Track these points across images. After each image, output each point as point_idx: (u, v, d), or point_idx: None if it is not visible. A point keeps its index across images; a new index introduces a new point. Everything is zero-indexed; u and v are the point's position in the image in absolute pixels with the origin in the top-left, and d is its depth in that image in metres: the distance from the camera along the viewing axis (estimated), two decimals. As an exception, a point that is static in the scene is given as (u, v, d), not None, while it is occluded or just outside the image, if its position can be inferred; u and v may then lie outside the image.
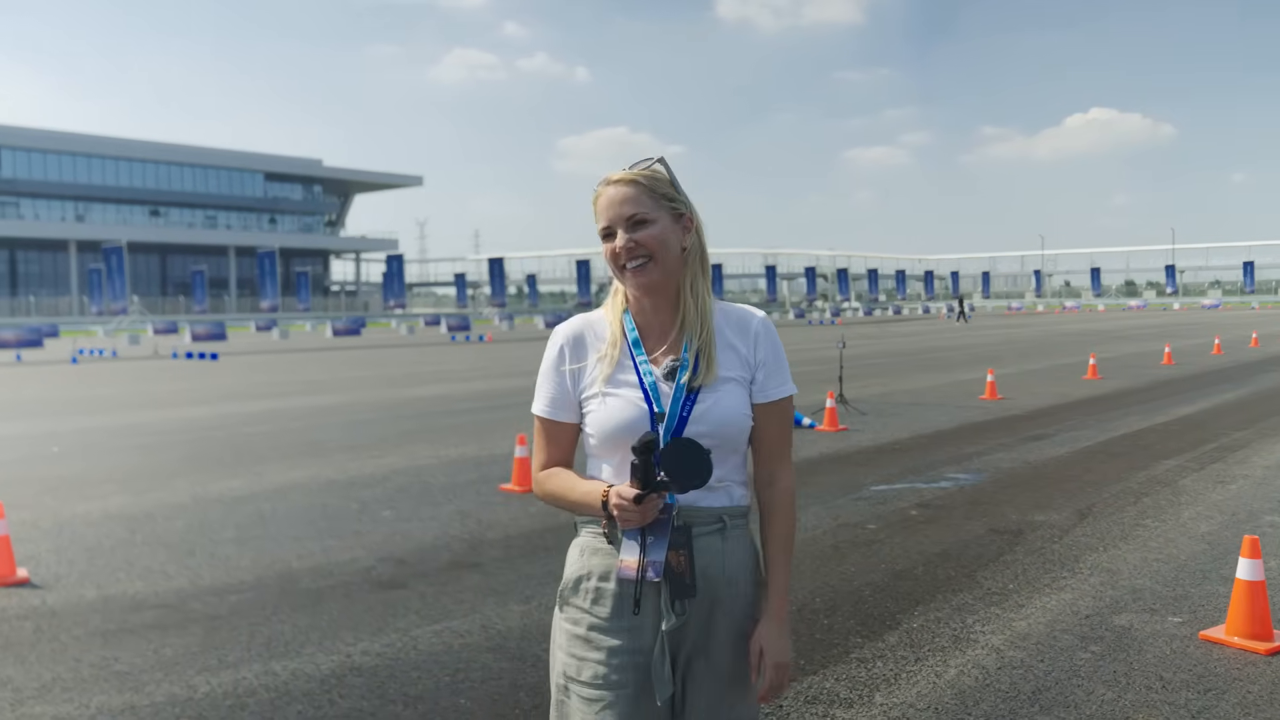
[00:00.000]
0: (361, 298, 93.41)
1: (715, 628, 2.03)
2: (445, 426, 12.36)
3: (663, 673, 1.98)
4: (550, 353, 2.13)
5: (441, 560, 6.14)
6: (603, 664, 2.00)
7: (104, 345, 36.78)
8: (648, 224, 2.02)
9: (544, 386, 2.12)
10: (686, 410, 2.00)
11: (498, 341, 39.01)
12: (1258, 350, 24.41)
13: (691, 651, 2.03)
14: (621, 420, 2.01)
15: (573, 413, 2.10)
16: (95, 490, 8.49)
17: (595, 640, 2.02)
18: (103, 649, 4.66)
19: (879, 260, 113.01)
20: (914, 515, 7.17)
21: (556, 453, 2.12)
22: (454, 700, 4.04)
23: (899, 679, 4.20)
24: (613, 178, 2.06)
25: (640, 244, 2.02)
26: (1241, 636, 4.48)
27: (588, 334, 2.12)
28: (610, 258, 2.05)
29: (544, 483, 2.11)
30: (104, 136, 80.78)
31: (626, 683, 1.99)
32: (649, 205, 2.03)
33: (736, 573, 2.06)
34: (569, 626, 2.07)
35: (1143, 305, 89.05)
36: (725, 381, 2.04)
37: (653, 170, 2.07)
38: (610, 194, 2.04)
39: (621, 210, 2.02)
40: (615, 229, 2.03)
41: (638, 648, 2.00)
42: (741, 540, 2.09)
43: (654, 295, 2.07)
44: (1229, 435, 10.66)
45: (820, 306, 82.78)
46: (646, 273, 2.03)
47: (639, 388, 2.03)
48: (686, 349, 2.05)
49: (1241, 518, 6.92)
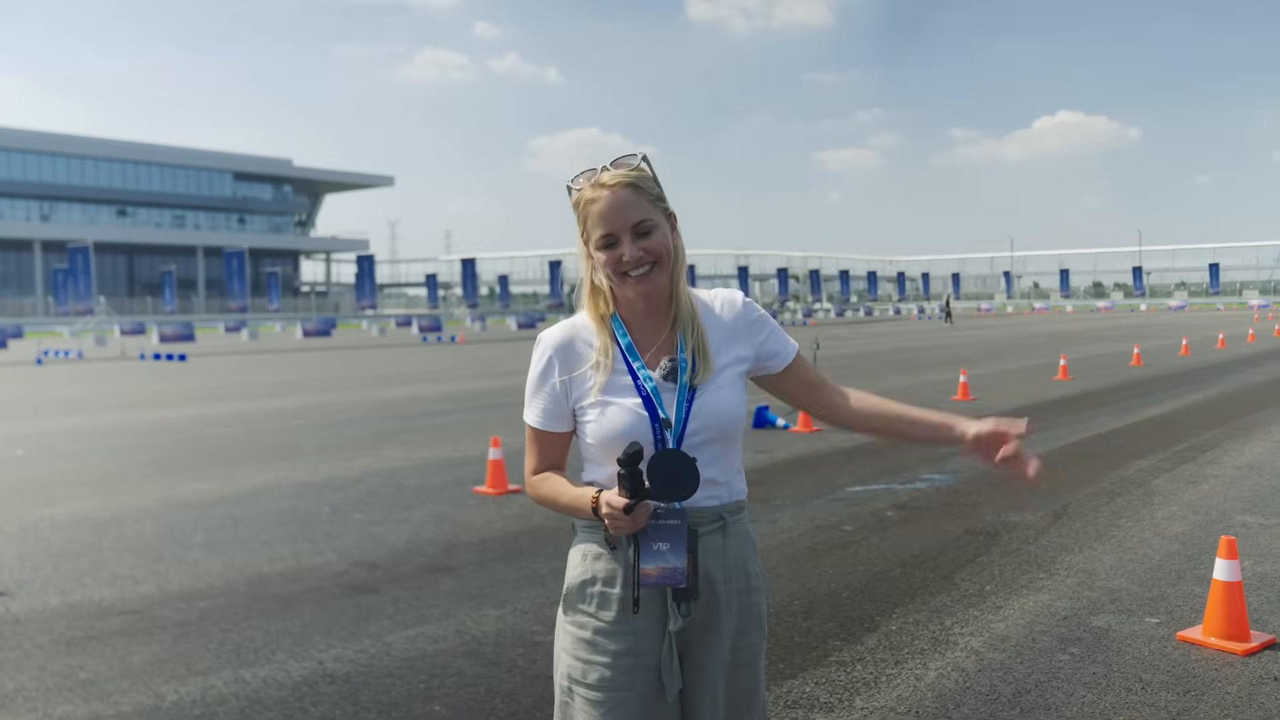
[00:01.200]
0: (332, 298, 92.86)
1: (718, 623, 2.04)
2: (418, 428, 12.25)
3: (672, 669, 2.00)
4: (538, 364, 2.08)
5: (415, 564, 6.07)
6: (608, 667, 2.00)
7: (70, 346, 36.33)
8: (653, 230, 1.99)
9: (535, 398, 2.09)
10: (686, 410, 1.99)
11: (470, 342, 38.85)
12: (1224, 351, 24.68)
13: (698, 648, 2.04)
14: (623, 429, 1.98)
15: (565, 423, 2.08)
16: (61, 494, 8.34)
17: (600, 644, 2.01)
18: (68, 657, 4.55)
19: (851, 261, 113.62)
20: (890, 516, 7.16)
21: (549, 459, 2.12)
22: (428, 707, 3.98)
23: (879, 682, 4.17)
24: (607, 180, 1.98)
25: (649, 252, 1.98)
26: (1219, 637, 4.49)
27: (576, 342, 2.06)
28: (613, 265, 1.98)
29: (537, 486, 2.12)
30: (70, 135, 79.91)
31: (632, 684, 1.99)
32: (649, 209, 1.99)
33: (736, 567, 2.07)
34: (574, 630, 2.06)
35: (1110, 306, 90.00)
36: (720, 372, 2.04)
37: (641, 170, 2.01)
38: (610, 199, 1.96)
39: (627, 217, 1.97)
40: (620, 236, 1.97)
41: (643, 649, 2.00)
42: (740, 534, 2.09)
43: (651, 298, 2.04)
44: (1199, 435, 10.73)
45: (793, 308, 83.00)
46: (652, 279, 1.99)
47: (638, 394, 2.00)
48: (683, 348, 2.03)
49: (1214, 518, 6.96)
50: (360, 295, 67.80)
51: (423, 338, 44.24)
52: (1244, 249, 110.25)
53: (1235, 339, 29.96)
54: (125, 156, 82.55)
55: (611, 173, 1.99)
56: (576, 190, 2.02)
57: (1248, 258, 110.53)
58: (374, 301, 67.84)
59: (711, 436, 2.00)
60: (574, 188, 2.02)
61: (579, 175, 2.03)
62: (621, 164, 2.01)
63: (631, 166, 2.00)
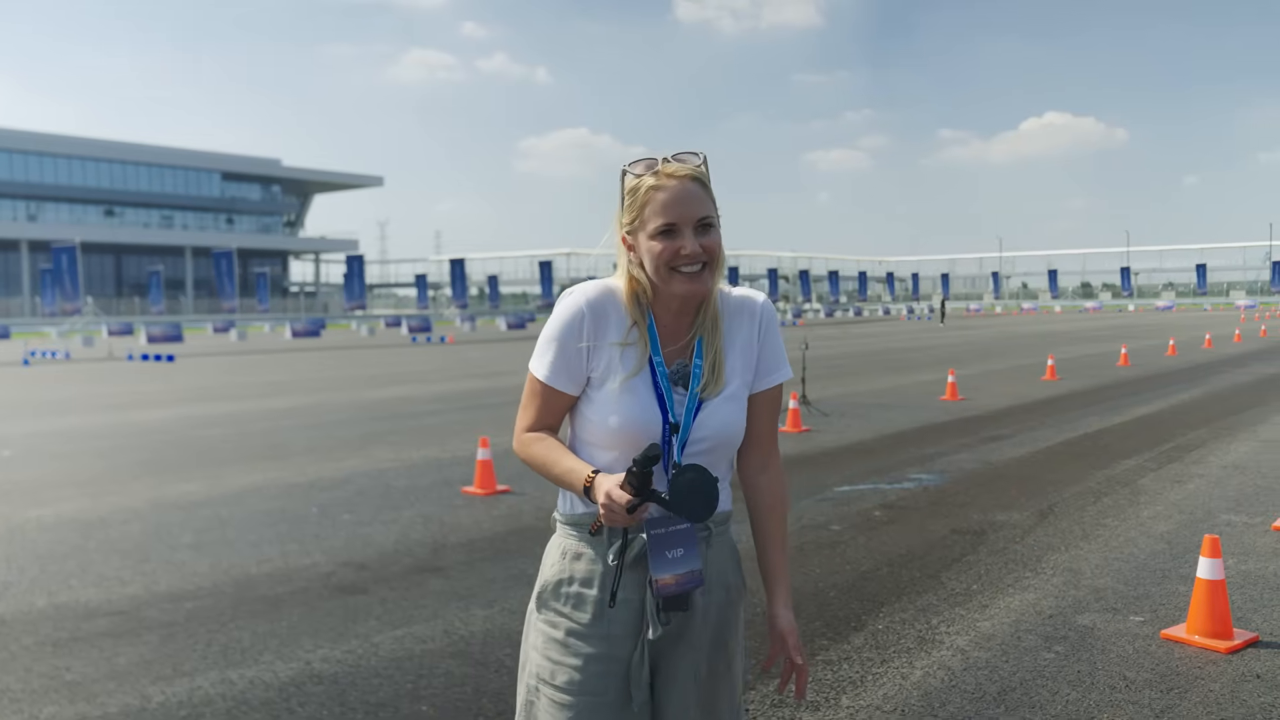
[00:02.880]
0: (321, 299, 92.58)
1: (693, 633, 1.99)
2: (407, 429, 12.24)
3: (640, 678, 1.95)
4: (567, 316, 1.97)
5: (403, 565, 6.07)
6: (578, 670, 1.95)
7: (57, 347, 36.13)
8: (713, 229, 1.93)
9: (552, 350, 1.97)
10: (692, 418, 1.96)
11: (459, 343, 38.78)
12: (1211, 351, 24.80)
13: (669, 658, 1.99)
14: (636, 423, 1.93)
15: (576, 385, 1.99)
16: (48, 495, 8.31)
17: (573, 645, 1.96)
18: (54, 658, 4.54)
19: (840, 262, 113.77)
20: (877, 516, 7.19)
21: (546, 418, 2.03)
22: (416, 707, 3.98)
23: (865, 681, 4.18)
24: (677, 171, 1.92)
25: (705, 249, 1.92)
26: (1202, 635, 4.52)
27: (610, 309, 1.98)
28: (668, 256, 1.91)
29: (528, 445, 2.02)
30: (57, 135, 79.49)
31: (603, 689, 1.95)
32: (711, 208, 1.94)
33: (716, 579, 2.03)
34: (546, 629, 2.01)
35: (1098, 307, 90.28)
36: (728, 385, 2.00)
37: (702, 169, 1.96)
38: (679, 189, 1.90)
39: (693, 210, 1.91)
40: (682, 228, 1.90)
41: (615, 655, 1.95)
42: (724, 545, 2.07)
43: (692, 300, 1.97)
44: (1185, 435, 10.79)
45: (782, 308, 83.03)
46: (702, 280, 1.93)
47: (654, 392, 1.95)
48: (700, 356, 1.98)
49: (1199, 517, 7.00)
50: (349, 296, 67.59)
51: (412, 338, 44.14)
52: (1231, 250, 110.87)
53: (1222, 339, 30.12)
54: (113, 156, 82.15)
55: (679, 165, 1.93)
56: (636, 176, 1.95)
57: (1234, 258, 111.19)
58: (363, 302, 67.64)
59: (711, 447, 1.97)
60: (633, 173, 1.95)
61: (637, 162, 1.96)
62: (684, 158, 1.95)
63: (695, 164, 1.95)
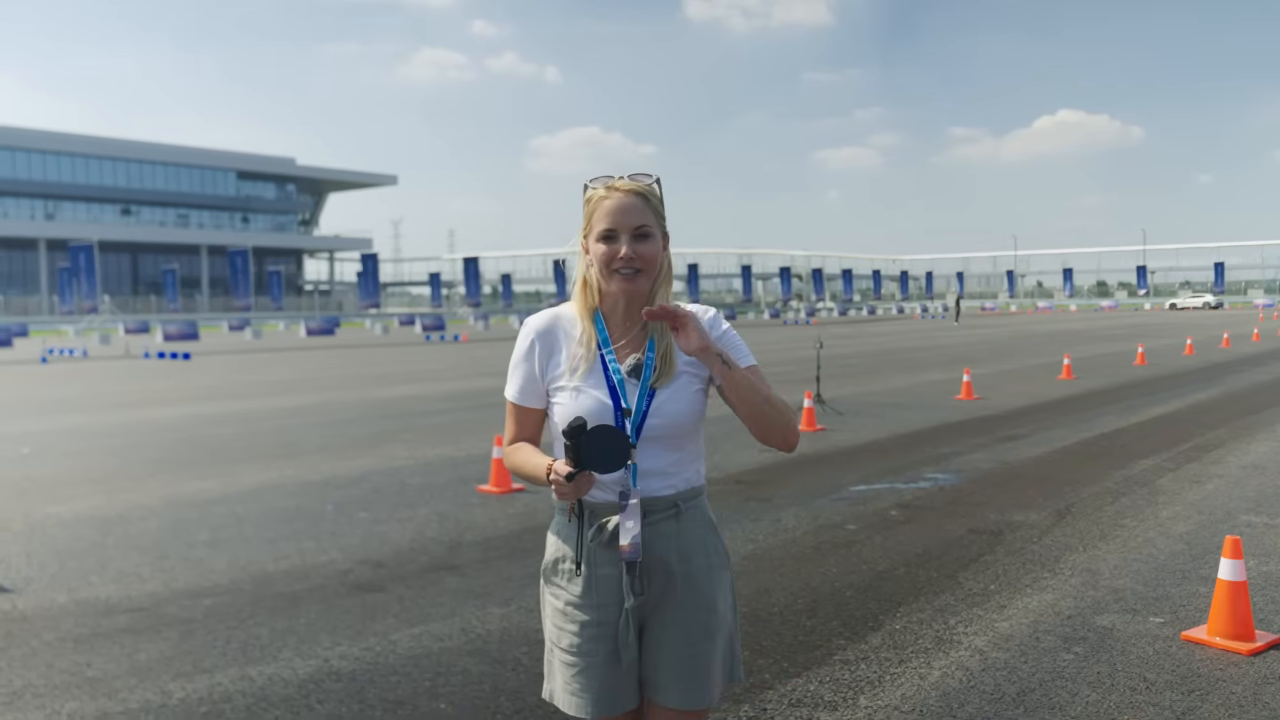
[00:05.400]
0: (335, 297, 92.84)
1: (672, 601, 2.27)
2: (421, 427, 12.27)
3: (628, 641, 2.25)
4: (521, 344, 2.34)
5: (419, 563, 6.08)
6: (576, 635, 2.27)
7: (74, 345, 36.37)
8: (649, 238, 2.24)
9: (515, 374, 2.35)
10: (646, 405, 2.22)
11: (473, 341, 38.86)
12: (1229, 350, 24.65)
13: (655, 622, 2.28)
14: (591, 412, 2.19)
15: (540, 400, 2.33)
16: (66, 492, 8.36)
17: (571, 614, 2.28)
18: (75, 654, 4.57)
19: (853, 260, 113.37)
20: (894, 516, 7.17)
21: (523, 432, 2.37)
22: (434, 704, 3.99)
23: (883, 681, 4.17)
24: (621, 185, 2.25)
25: (639, 256, 2.22)
26: (1224, 637, 4.49)
27: (558, 330, 2.32)
28: (606, 259, 2.23)
29: (510, 455, 2.38)
30: (74, 134, 79.93)
31: (597, 651, 2.26)
32: (651, 220, 2.25)
33: (690, 550, 2.28)
34: (551, 600, 2.34)
35: (1114, 306, 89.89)
36: (680, 375, 2.25)
37: (652, 187, 2.27)
38: (620, 201, 2.22)
39: (630, 219, 2.22)
40: (620, 234, 2.22)
41: (605, 621, 2.25)
42: (695, 518, 2.31)
43: (632, 299, 2.27)
44: (1203, 435, 10.73)
45: (795, 307, 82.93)
46: (635, 282, 2.24)
47: (606, 384, 2.24)
48: (652, 350, 2.26)
49: (1219, 517, 6.95)
50: (363, 294, 67.78)
51: (426, 336, 44.25)
52: (1249, 248, 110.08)
53: (1240, 338, 29.93)
54: (129, 155, 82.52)
55: (626, 181, 2.25)
56: (592, 189, 2.27)
57: (1252, 256, 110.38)
58: (377, 300, 67.81)
59: (666, 432, 2.23)
60: (590, 186, 2.28)
61: (597, 179, 2.28)
62: (638, 178, 2.26)
63: (646, 183, 2.26)
